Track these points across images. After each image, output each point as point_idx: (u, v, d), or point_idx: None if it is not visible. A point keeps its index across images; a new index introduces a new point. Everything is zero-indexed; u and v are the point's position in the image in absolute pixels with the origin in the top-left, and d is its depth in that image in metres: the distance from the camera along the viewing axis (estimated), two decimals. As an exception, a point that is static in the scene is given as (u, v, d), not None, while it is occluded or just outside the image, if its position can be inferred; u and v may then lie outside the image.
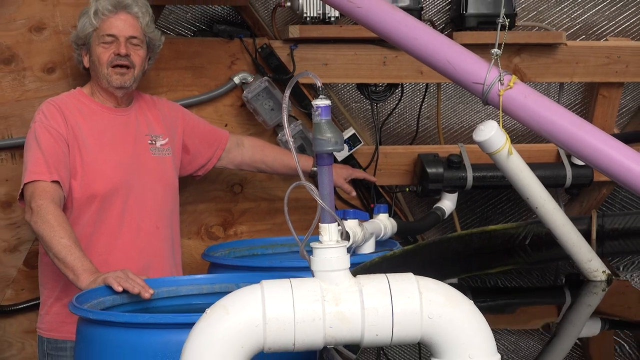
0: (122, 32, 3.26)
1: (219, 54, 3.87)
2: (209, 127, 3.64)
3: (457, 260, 3.70)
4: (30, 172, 3.13)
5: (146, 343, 2.53)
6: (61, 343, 3.24)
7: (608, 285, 3.32)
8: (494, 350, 2.19)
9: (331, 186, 2.20)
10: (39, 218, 3.03)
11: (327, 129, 2.19)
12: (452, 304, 2.16)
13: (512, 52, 4.08)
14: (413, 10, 3.86)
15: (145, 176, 3.31)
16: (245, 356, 2.12)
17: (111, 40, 3.26)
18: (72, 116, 3.25)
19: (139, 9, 3.30)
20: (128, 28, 3.27)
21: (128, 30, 3.27)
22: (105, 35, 3.26)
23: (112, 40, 3.26)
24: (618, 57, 4.21)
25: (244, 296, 2.14)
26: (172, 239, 3.41)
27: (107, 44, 3.26)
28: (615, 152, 2.91)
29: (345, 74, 4.00)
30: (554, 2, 4.32)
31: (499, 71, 2.93)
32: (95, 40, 3.28)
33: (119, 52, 3.25)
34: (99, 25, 3.26)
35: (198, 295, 3.00)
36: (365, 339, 2.14)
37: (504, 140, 3.08)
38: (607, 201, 4.48)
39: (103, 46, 3.26)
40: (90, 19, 3.25)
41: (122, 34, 3.26)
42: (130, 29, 3.28)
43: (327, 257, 2.16)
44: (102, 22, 3.26)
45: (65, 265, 2.97)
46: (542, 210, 3.27)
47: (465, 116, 4.34)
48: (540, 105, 3.00)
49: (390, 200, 4.15)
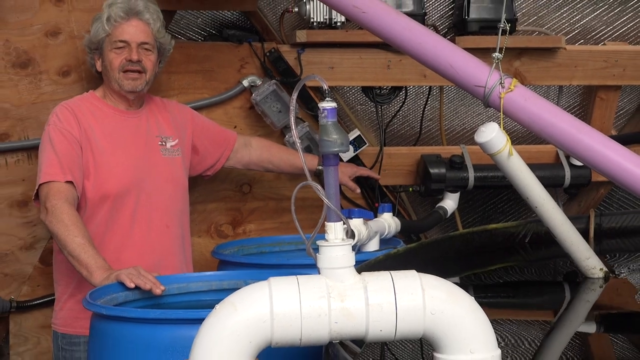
0: (134, 38, 3.26)
1: (229, 58, 3.87)
2: (217, 128, 3.63)
3: (458, 258, 3.69)
4: (45, 173, 3.13)
5: (157, 338, 2.53)
6: (75, 338, 3.24)
7: (605, 282, 3.31)
8: (494, 344, 2.18)
9: (337, 186, 2.20)
10: (53, 217, 3.03)
11: (333, 130, 2.18)
12: (454, 301, 2.15)
13: (512, 56, 4.07)
14: (417, 16, 3.85)
15: (155, 176, 3.31)
16: (253, 351, 2.11)
17: (123, 46, 3.26)
18: (85, 119, 3.25)
19: (150, 15, 3.29)
20: (140, 34, 3.27)
21: (140, 36, 3.27)
22: (117, 41, 3.25)
23: (124, 45, 3.26)
24: (615, 61, 4.20)
25: (252, 293, 2.14)
26: (183, 237, 3.40)
27: (119, 49, 3.26)
28: (612, 154, 2.90)
29: (351, 77, 3.99)
30: (553, 8, 4.31)
31: (500, 74, 2.92)
32: (107, 46, 3.28)
33: (130, 58, 3.25)
34: (112, 31, 3.26)
35: (207, 292, 2.99)
36: (370, 335, 2.13)
37: (504, 141, 3.07)
38: (604, 201, 4.47)
39: (115, 52, 3.26)
40: (103, 24, 3.25)
41: (133, 40, 3.26)
42: (142, 35, 3.27)
43: (333, 254, 2.16)
44: (115, 29, 3.25)
45: (79, 262, 2.97)
46: (542, 209, 3.26)
47: (467, 118, 4.33)
48: (540, 107, 2.99)
49: (394, 199, 4.14)
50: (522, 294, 3.58)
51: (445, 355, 2.17)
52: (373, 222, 3.37)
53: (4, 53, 3.58)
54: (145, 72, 3.28)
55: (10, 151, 3.63)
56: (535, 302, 3.49)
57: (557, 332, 2.97)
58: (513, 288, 3.62)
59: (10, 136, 3.63)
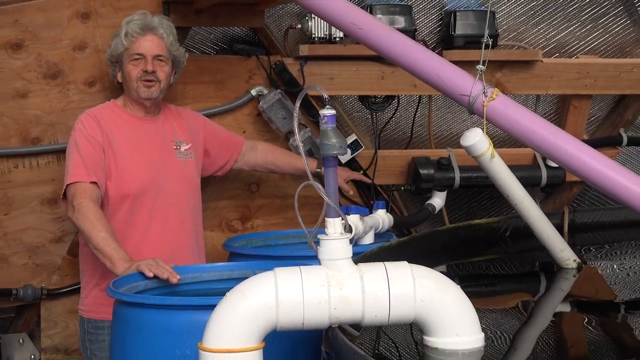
0: (149, 52, 3.27)
1: (238, 70, 3.87)
2: (226, 133, 3.64)
3: (446, 250, 3.69)
4: (72, 175, 3.14)
5: (174, 322, 2.53)
6: (100, 322, 3.24)
7: (578, 272, 3.32)
8: (478, 329, 2.18)
9: (336, 185, 2.20)
10: (80, 214, 3.05)
11: (333, 135, 2.19)
12: (442, 289, 2.15)
13: (494, 68, 4.07)
14: (408, 31, 3.85)
15: (171, 177, 3.31)
16: (260, 334, 2.11)
17: (139, 58, 3.26)
18: (107, 125, 3.25)
19: (163, 30, 3.30)
20: (154, 47, 3.28)
21: (154, 49, 3.28)
22: (134, 54, 3.26)
23: (140, 58, 3.26)
24: (587, 73, 4.20)
25: (260, 281, 2.14)
26: (196, 232, 3.40)
27: (136, 60, 3.27)
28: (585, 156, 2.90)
29: (349, 87, 3.99)
30: (531, 24, 4.31)
31: (483, 85, 2.92)
32: (126, 59, 3.28)
33: (146, 69, 3.25)
34: (129, 45, 3.26)
35: (219, 281, 2.99)
36: (366, 319, 2.13)
37: (487, 145, 3.07)
38: (577, 199, 4.47)
39: (133, 63, 3.27)
40: (122, 40, 3.26)
41: (148, 53, 3.26)
42: (156, 49, 3.28)
43: (332, 247, 2.16)
44: (132, 43, 3.26)
45: (103, 254, 2.98)
46: (521, 206, 3.27)
47: (453, 124, 4.33)
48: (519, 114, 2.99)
49: (387, 197, 4.14)
50: (502, 282, 3.58)
51: (433, 338, 2.17)
52: (368, 217, 3.37)
53: (36, 65, 3.58)
54: (159, 82, 3.29)
55: (41, 154, 3.62)
56: (515, 289, 3.49)
57: (533, 318, 2.97)
58: (495, 277, 3.62)
59: (42, 140, 3.62)
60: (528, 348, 2.62)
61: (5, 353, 3.71)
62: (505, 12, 4.26)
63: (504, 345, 2.59)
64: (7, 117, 3.57)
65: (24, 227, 3.60)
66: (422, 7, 4.17)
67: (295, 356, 2.54)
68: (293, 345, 2.52)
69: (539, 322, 2.88)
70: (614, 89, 4.29)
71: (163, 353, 2.52)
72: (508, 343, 2.64)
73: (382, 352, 2.56)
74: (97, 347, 3.25)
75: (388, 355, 2.54)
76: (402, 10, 3.96)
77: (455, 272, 3.54)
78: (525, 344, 2.65)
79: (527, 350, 2.60)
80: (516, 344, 2.64)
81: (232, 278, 2.97)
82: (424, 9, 4.17)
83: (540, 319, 2.93)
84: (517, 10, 4.28)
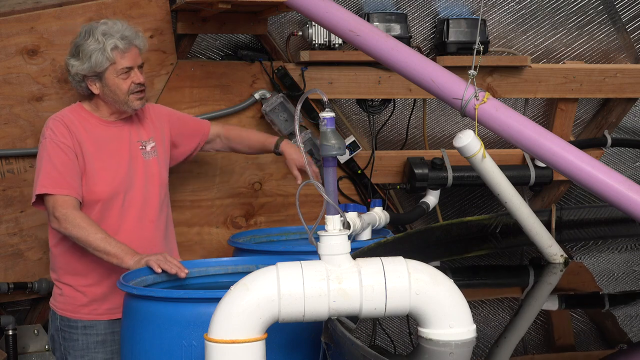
0: (134, 63, 3.13)
1: (242, 75, 3.86)
2: (191, 121, 3.50)
3: (439, 246, 3.69)
4: (44, 185, 3.02)
5: (181, 314, 2.52)
6: (73, 322, 3.12)
7: (565, 267, 3.31)
8: (470, 320, 2.18)
9: (335, 184, 2.20)
10: (68, 224, 2.96)
11: (332, 136, 2.18)
12: (436, 282, 2.14)
13: (485, 73, 4.07)
14: (403, 38, 3.84)
15: (139, 178, 3.18)
16: (263, 326, 2.11)
17: (128, 71, 3.15)
18: (76, 130, 3.12)
19: (139, 40, 3.19)
20: (137, 58, 3.15)
21: (138, 60, 3.15)
22: (123, 68, 3.11)
23: (129, 70, 3.15)
24: (574, 77, 4.19)
25: (262, 275, 2.13)
26: (166, 229, 3.29)
27: (126, 74, 3.13)
28: (571, 156, 2.90)
29: (347, 91, 3.98)
30: (520, 32, 4.30)
31: (475, 89, 2.92)
32: (112, 73, 3.12)
33: (139, 82, 3.13)
34: (117, 60, 3.11)
35: (224, 275, 2.99)
36: (363, 312, 2.13)
37: (478, 146, 3.07)
38: (564, 197, 4.46)
39: (122, 77, 3.12)
40: (107, 54, 3.09)
41: (135, 64, 3.14)
42: (139, 59, 3.15)
43: (332, 243, 2.16)
44: (120, 58, 3.10)
45: (107, 254, 2.92)
46: (511, 204, 3.26)
47: (446, 126, 4.32)
48: (509, 117, 2.99)
49: (384, 195, 4.13)
50: (493, 276, 3.58)
51: (428, 330, 2.17)
52: (366, 215, 3.36)
53: (50, 70, 3.57)
54: (145, 88, 3.21)
55: (55, 154, 3.61)
56: (505, 283, 3.48)
57: (523, 310, 2.96)
58: (486, 271, 3.61)
59: (56, 141, 3.61)
60: (518, 336, 2.61)
61: (21, 343, 3.70)
62: (495, 20, 4.25)
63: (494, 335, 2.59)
64: (23, 120, 3.56)
65: (39, 223, 3.59)
66: (417, 15, 4.16)
67: (296, 347, 2.53)
68: (294, 336, 2.51)
69: (528, 314, 2.88)
70: (598, 93, 4.28)
71: (171, 343, 2.52)
72: (498, 333, 2.63)
73: (379, 343, 2.55)
74: (71, 345, 3.12)
75: (384, 346, 2.53)
76: (397, 18, 3.95)
77: (449, 267, 3.54)
78: (514, 333, 2.64)
79: (516, 338, 2.60)
80: (506, 333, 2.63)
81: (237, 272, 2.96)
82: (418, 17, 4.16)
83: (529, 311, 2.92)
84: (507, 19, 4.27)
